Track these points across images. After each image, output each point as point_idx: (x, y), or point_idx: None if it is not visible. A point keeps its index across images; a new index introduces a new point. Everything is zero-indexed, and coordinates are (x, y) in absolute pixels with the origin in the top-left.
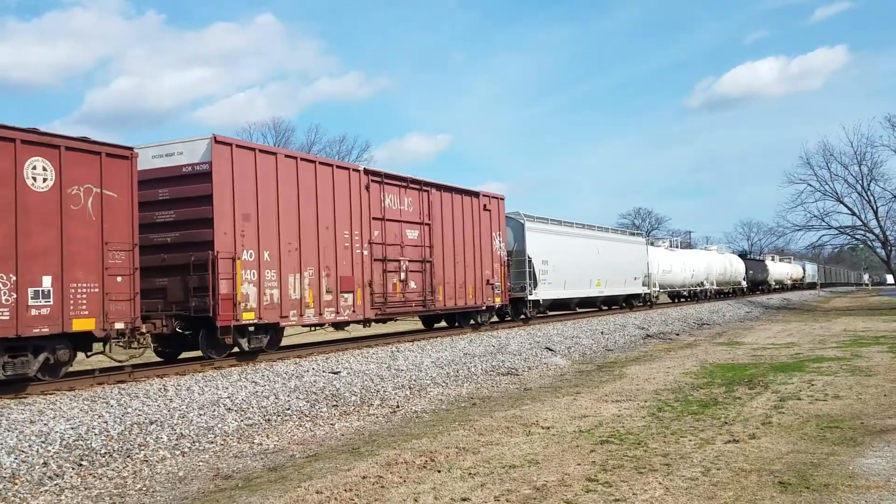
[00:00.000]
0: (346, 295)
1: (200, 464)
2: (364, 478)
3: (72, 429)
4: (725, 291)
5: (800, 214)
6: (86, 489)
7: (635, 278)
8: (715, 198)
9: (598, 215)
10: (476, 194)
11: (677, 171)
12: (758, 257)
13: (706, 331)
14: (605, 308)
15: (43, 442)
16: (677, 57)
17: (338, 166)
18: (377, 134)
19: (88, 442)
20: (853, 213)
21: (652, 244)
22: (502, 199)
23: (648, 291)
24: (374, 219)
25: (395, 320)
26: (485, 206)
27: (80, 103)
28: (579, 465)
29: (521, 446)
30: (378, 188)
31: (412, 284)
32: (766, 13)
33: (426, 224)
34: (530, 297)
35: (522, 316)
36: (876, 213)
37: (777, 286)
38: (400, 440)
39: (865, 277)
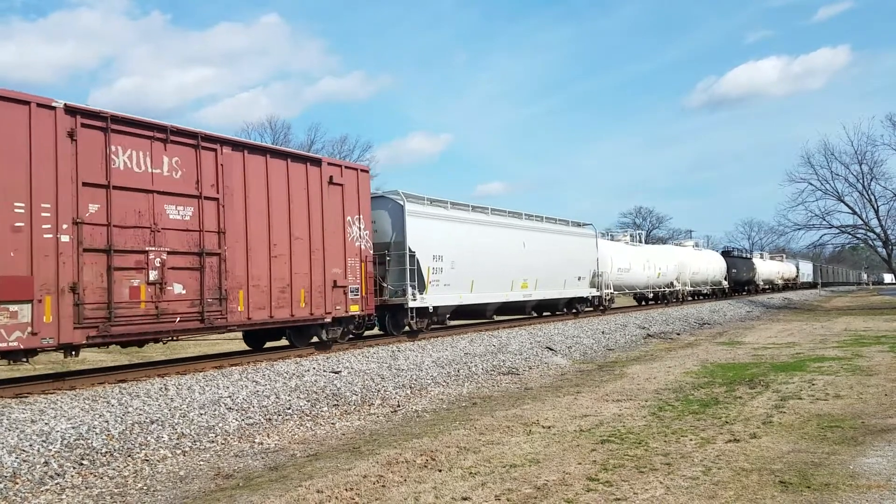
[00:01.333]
0: (9, 306)
1: (201, 463)
2: (365, 477)
3: (73, 428)
4: (703, 293)
5: (801, 213)
6: (87, 488)
7: (579, 278)
8: (716, 197)
9: (598, 214)
10: (316, 161)
11: (678, 170)
12: (745, 254)
13: (707, 330)
14: (548, 315)
15: (44, 441)
16: (678, 56)
17: None
18: (379, 133)
19: (89, 441)
20: (854, 213)
21: (612, 238)
22: (365, 170)
23: (599, 294)
24: (87, 185)
25: (167, 341)
26: (332, 178)
27: (83, 102)
28: (580, 464)
29: (522, 445)
30: (99, 138)
31: (177, 289)
32: (768, 12)
33: (211, 199)
34: (413, 304)
35: (407, 329)
36: (877, 212)
37: (766, 286)
38: (401, 439)
39: (865, 277)
